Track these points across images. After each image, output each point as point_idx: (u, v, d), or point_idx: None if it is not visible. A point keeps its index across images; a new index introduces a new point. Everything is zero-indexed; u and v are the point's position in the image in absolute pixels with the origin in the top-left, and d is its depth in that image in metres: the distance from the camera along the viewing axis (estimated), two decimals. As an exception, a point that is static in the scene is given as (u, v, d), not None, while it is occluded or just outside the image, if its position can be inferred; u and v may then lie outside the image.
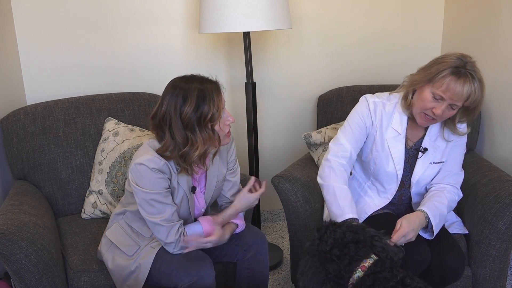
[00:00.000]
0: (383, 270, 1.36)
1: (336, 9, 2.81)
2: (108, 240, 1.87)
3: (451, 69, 1.69)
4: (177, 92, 1.65)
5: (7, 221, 1.76)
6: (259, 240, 1.90)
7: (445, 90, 1.69)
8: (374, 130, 1.91)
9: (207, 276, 1.69)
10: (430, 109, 1.75)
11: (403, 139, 1.90)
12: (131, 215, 1.86)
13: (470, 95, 1.70)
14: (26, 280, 1.72)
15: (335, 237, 1.43)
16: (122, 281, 1.79)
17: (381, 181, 1.96)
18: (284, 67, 2.87)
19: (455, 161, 1.95)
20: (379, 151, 1.91)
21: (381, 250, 1.42)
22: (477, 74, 1.71)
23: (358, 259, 1.40)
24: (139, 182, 1.69)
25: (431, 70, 1.74)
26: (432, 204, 1.84)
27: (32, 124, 2.25)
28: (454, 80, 1.68)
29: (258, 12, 2.20)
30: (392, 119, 1.90)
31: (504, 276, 2.03)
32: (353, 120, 1.93)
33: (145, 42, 2.67)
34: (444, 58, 1.74)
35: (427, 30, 2.88)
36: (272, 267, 2.60)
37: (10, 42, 2.46)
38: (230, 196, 1.97)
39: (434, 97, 1.73)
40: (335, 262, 1.40)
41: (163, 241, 1.73)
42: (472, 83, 1.69)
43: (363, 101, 1.94)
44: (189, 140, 1.66)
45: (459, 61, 1.71)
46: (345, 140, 1.92)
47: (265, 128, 2.93)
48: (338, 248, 1.41)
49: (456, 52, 1.76)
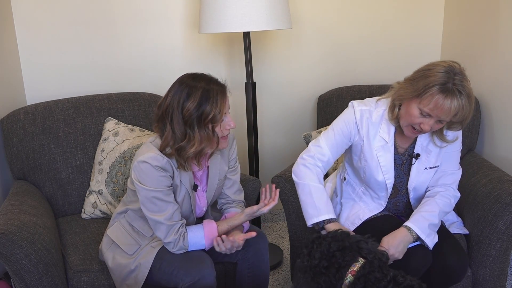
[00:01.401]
0: (373, 270, 1.37)
1: (336, 9, 2.82)
2: (109, 239, 1.87)
3: (438, 87, 1.63)
4: (182, 87, 1.68)
5: (7, 221, 1.76)
6: (260, 240, 1.90)
7: (433, 108, 1.64)
8: (360, 140, 1.87)
9: (207, 276, 1.68)
10: (417, 124, 1.72)
11: (392, 148, 1.86)
12: (133, 213, 1.86)
13: (458, 112, 1.64)
14: (26, 280, 1.72)
15: (322, 250, 1.44)
16: (122, 280, 1.79)
17: (373, 188, 1.94)
18: (284, 67, 2.87)
19: (450, 160, 1.91)
20: (368, 161, 1.87)
21: (367, 252, 1.42)
22: (466, 89, 1.64)
23: (345, 265, 1.40)
24: (142, 180, 1.69)
25: (418, 86, 1.67)
26: (420, 216, 1.80)
27: (32, 124, 2.25)
28: (441, 98, 1.62)
29: (258, 12, 2.20)
30: (380, 128, 1.86)
31: (504, 276, 2.03)
32: (338, 126, 1.90)
33: (145, 42, 2.67)
34: (432, 71, 1.66)
35: (427, 30, 2.88)
36: (272, 267, 2.60)
37: (10, 42, 2.45)
38: (230, 195, 1.97)
39: (422, 113, 1.69)
40: (324, 274, 1.41)
41: (162, 239, 1.73)
42: (460, 100, 1.62)
43: (350, 109, 1.89)
44: (187, 135, 1.67)
45: (446, 75, 1.63)
46: (325, 144, 1.90)
47: (265, 128, 2.93)
48: (325, 260, 1.42)
49: (445, 61, 1.69)
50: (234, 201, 2.00)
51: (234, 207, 1.98)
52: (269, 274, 1.96)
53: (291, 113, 2.95)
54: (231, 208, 1.98)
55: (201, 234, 1.75)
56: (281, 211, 3.08)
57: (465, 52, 2.66)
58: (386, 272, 1.36)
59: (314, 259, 1.44)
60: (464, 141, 2.43)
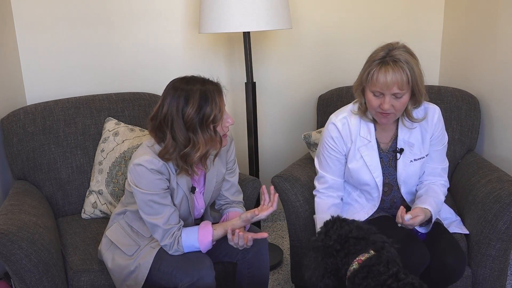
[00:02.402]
0: (378, 264, 1.38)
1: (336, 9, 2.82)
2: (108, 240, 1.87)
3: (375, 62, 1.73)
4: (178, 93, 1.64)
5: (7, 221, 1.76)
6: (260, 240, 1.90)
7: (374, 84, 1.73)
8: (347, 147, 1.93)
9: (207, 276, 1.68)
10: (378, 106, 1.77)
11: (375, 145, 1.91)
12: (132, 214, 1.86)
13: (399, 80, 1.70)
14: (26, 280, 1.72)
15: (340, 233, 1.46)
16: (122, 281, 1.79)
17: (365, 190, 1.97)
18: (284, 67, 2.87)
19: (436, 155, 1.97)
20: (354, 162, 1.92)
21: (380, 246, 1.43)
22: (403, 56, 1.71)
23: (355, 252, 1.43)
24: (138, 183, 1.69)
25: (363, 71, 1.79)
26: (433, 201, 1.86)
27: (32, 124, 2.25)
28: (377, 71, 1.71)
29: (258, 12, 2.20)
30: (360, 129, 1.91)
31: (504, 276, 2.03)
32: (327, 150, 1.95)
33: (145, 42, 2.67)
34: (371, 55, 1.78)
35: (427, 30, 2.88)
36: (272, 267, 2.60)
37: (10, 42, 2.46)
38: (229, 196, 1.97)
39: (374, 94, 1.76)
40: (333, 256, 1.44)
41: (160, 242, 1.74)
42: (396, 69, 1.69)
43: (331, 125, 1.93)
44: (191, 141, 1.65)
45: (383, 52, 1.73)
46: (326, 173, 1.98)
47: (265, 128, 2.93)
48: (339, 243, 1.45)
49: (382, 45, 1.79)
50: (233, 201, 2.00)
51: (234, 207, 1.98)
52: (269, 274, 1.96)
53: (291, 113, 2.95)
54: (231, 208, 1.98)
55: (195, 238, 1.75)
56: (281, 211, 3.08)
57: (465, 52, 2.66)
58: (391, 267, 1.38)
59: (330, 240, 1.46)
60: (464, 141, 2.44)
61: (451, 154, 2.43)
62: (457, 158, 2.44)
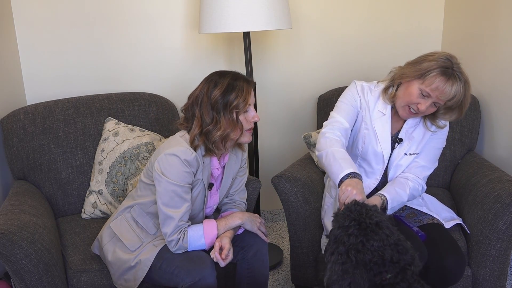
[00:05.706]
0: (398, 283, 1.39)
1: (336, 9, 2.81)
2: (111, 231, 1.88)
3: (440, 69, 1.75)
4: (210, 80, 1.81)
5: (7, 221, 1.76)
6: (259, 240, 1.91)
7: (434, 89, 1.76)
8: (363, 110, 1.98)
9: (208, 276, 1.69)
10: (415, 104, 1.82)
11: (389, 120, 1.95)
12: (139, 209, 1.87)
13: (456, 96, 1.77)
14: (26, 280, 1.72)
15: (377, 247, 1.40)
16: (120, 275, 1.80)
17: (369, 161, 1.99)
18: (284, 67, 2.87)
19: (428, 153, 1.98)
20: (369, 129, 1.96)
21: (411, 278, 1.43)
22: (464, 76, 1.77)
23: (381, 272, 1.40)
24: (166, 172, 1.72)
25: (421, 66, 1.79)
26: (393, 189, 1.89)
27: (32, 124, 2.25)
28: (443, 81, 1.75)
29: (258, 12, 2.20)
30: (378, 103, 1.96)
31: (504, 276, 2.03)
32: (345, 98, 2.00)
33: (145, 42, 2.67)
34: (434, 55, 1.80)
35: (427, 30, 2.88)
36: (272, 267, 2.60)
37: (10, 42, 2.46)
38: (234, 193, 2.02)
39: (422, 93, 1.80)
40: (365, 269, 1.40)
41: (167, 236, 1.74)
42: (459, 84, 1.75)
43: (352, 84, 2.02)
44: (214, 119, 1.76)
45: (447, 61, 1.76)
46: (338, 115, 1.97)
47: (265, 128, 2.93)
48: (376, 263, 1.40)
49: (444, 52, 1.82)
50: (235, 201, 2.03)
51: (234, 207, 2.01)
52: (268, 274, 1.96)
53: (291, 113, 2.95)
54: (230, 209, 2.00)
55: (201, 232, 1.77)
56: (281, 211, 3.08)
57: (465, 52, 2.65)
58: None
59: (367, 253, 1.40)
60: (464, 141, 2.44)
61: (451, 154, 2.43)
62: (457, 158, 2.44)
